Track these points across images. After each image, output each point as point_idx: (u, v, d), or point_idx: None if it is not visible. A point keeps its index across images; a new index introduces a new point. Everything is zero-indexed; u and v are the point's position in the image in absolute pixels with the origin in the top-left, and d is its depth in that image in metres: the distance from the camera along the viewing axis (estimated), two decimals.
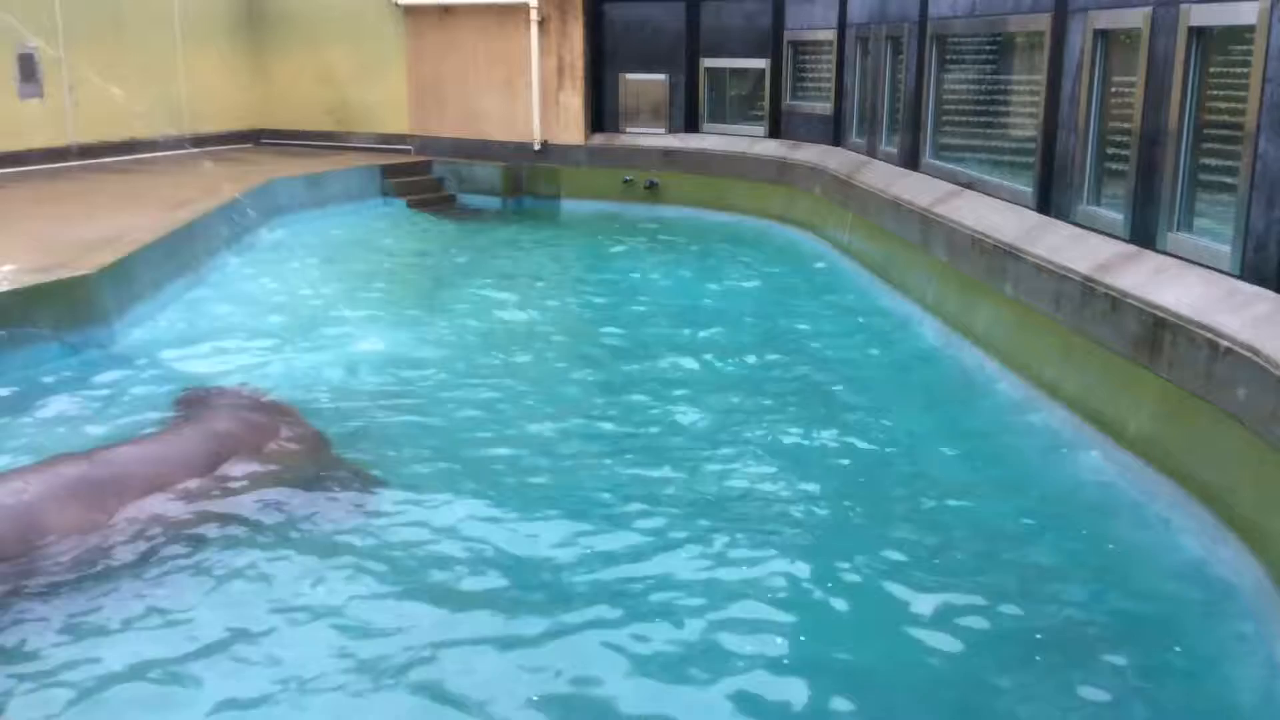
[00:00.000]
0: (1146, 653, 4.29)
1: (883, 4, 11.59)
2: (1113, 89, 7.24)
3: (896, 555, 5.06)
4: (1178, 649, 4.32)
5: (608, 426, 6.77)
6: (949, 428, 6.83)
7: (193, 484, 5.37)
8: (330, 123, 17.70)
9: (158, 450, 5.61)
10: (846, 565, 4.95)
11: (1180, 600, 4.72)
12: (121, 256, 8.74)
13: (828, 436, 6.60)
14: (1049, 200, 7.97)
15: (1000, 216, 8.30)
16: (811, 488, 5.84)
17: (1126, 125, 6.92)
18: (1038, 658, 4.24)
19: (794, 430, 6.69)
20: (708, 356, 8.36)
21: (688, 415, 6.93)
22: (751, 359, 8.34)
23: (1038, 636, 4.37)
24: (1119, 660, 4.21)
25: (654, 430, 6.70)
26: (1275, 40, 5.40)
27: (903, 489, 5.89)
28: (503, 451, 6.27)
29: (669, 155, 15.43)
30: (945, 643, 4.34)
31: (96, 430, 6.39)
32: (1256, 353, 4.92)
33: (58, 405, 6.87)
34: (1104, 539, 5.24)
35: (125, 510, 5.01)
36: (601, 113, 16.10)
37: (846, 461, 6.28)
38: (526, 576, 4.82)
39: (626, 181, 15.65)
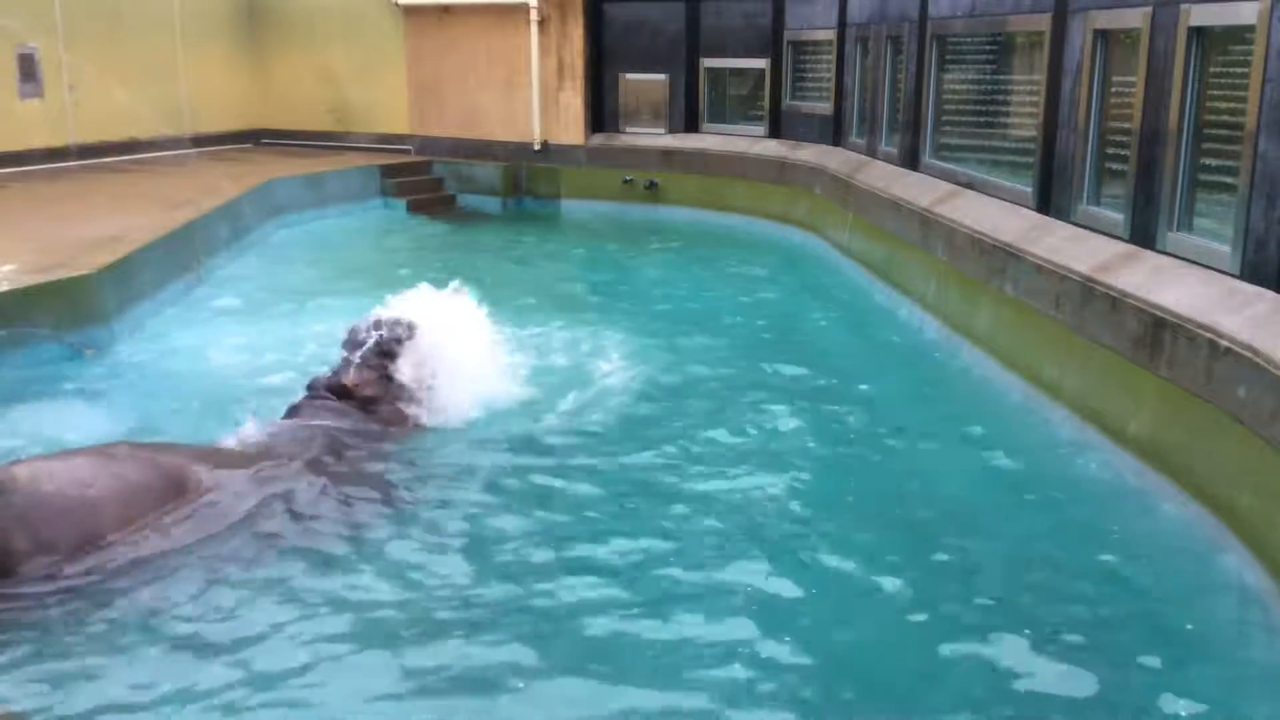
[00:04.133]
0: (1146, 651, 4.28)
1: (883, 4, 11.59)
2: (1113, 89, 7.24)
3: (891, 553, 5.05)
4: (1177, 648, 4.32)
5: (606, 425, 6.77)
6: (948, 428, 6.82)
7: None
8: (330, 123, 17.72)
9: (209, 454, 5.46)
10: (839, 563, 4.95)
11: (1180, 600, 4.72)
12: (121, 256, 8.75)
13: (826, 436, 6.62)
14: (1049, 200, 7.98)
15: (1000, 216, 8.30)
16: (811, 488, 5.84)
17: (1126, 125, 6.92)
18: (1041, 653, 4.24)
19: (794, 430, 6.68)
20: (707, 355, 8.36)
21: (687, 412, 6.94)
22: (751, 358, 8.34)
23: (1029, 633, 4.36)
24: (1118, 658, 4.22)
25: (653, 427, 6.70)
26: (1275, 40, 5.40)
27: (901, 488, 5.89)
28: (491, 448, 6.27)
29: (669, 155, 15.44)
30: (945, 637, 4.33)
31: (97, 431, 6.37)
32: (1256, 352, 4.92)
33: (57, 405, 6.87)
34: (1103, 538, 5.24)
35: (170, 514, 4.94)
36: (601, 113, 16.10)
37: (845, 461, 6.29)
38: (517, 576, 4.83)
39: (626, 182, 15.65)
